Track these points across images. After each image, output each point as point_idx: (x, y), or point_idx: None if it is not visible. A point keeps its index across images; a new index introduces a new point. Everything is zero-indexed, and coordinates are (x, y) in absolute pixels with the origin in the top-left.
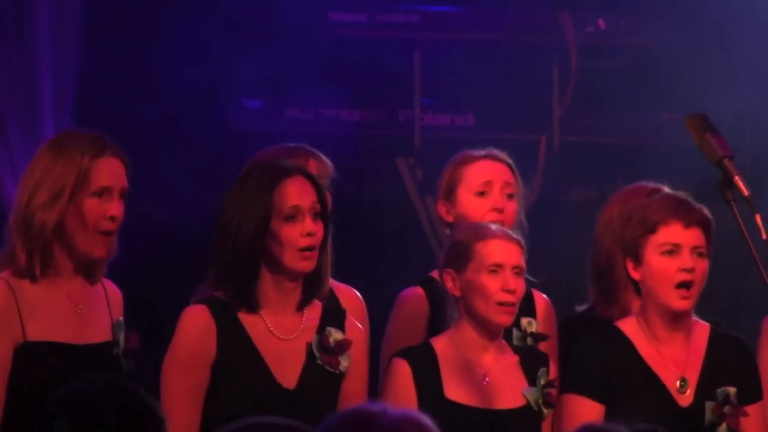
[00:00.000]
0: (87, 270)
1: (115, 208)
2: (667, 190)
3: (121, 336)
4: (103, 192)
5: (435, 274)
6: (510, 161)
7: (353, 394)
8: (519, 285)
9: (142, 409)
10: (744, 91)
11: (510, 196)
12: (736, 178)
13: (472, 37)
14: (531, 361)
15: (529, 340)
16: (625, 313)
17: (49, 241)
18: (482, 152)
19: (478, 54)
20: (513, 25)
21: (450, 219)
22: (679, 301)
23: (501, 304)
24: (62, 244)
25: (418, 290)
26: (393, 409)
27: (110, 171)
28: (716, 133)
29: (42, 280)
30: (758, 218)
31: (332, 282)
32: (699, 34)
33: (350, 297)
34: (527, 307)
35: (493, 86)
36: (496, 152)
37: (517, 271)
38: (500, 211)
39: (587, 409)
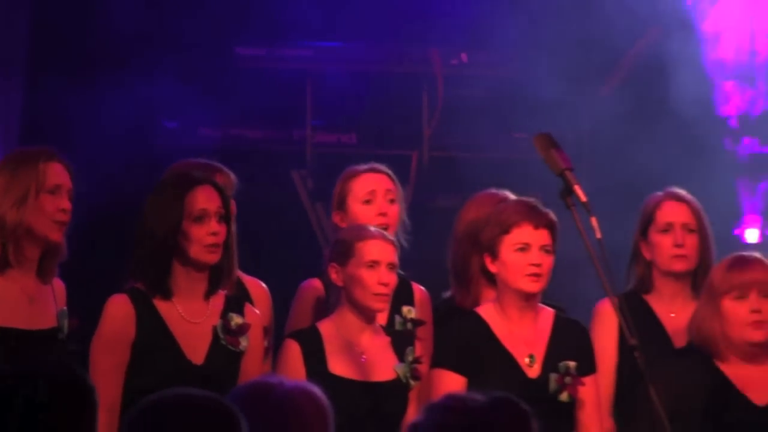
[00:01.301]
0: (43, 268)
1: (66, 202)
2: (512, 196)
3: (65, 322)
4: (56, 189)
5: None
6: (389, 171)
7: (251, 369)
8: (392, 278)
9: (79, 383)
10: (582, 113)
11: (392, 201)
12: (576, 186)
13: (355, 68)
14: (400, 342)
15: (408, 325)
16: (477, 301)
17: (21, 235)
18: (365, 166)
19: (359, 82)
20: (389, 57)
21: (344, 226)
22: (529, 285)
23: (377, 294)
24: (28, 237)
25: (316, 281)
26: (288, 381)
27: (59, 172)
28: (559, 149)
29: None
30: (594, 221)
31: (241, 274)
32: (543, 65)
33: (256, 287)
34: (407, 296)
35: (373, 110)
36: (377, 165)
37: (390, 266)
38: (384, 215)
39: (451, 381)
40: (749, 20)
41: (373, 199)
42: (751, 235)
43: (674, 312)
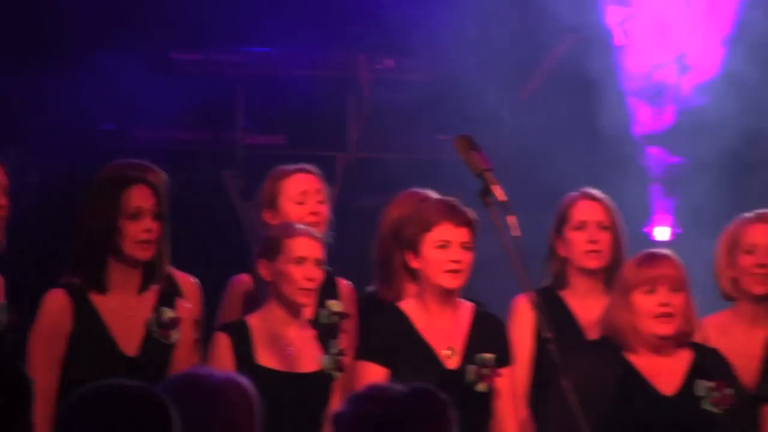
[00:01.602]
0: None
1: (2, 198)
2: (434, 196)
3: (4, 316)
4: None
5: None
6: (318, 172)
7: (182, 361)
8: (318, 274)
9: (17, 375)
10: (504, 117)
11: (322, 201)
12: (494, 187)
13: (285, 73)
14: (325, 334)
15: (333, 318)
16: (400, 296)
17: None
18: (295, 167)
19: (288, 86)
20: (317, 63)
21: (275, 224)
22: (449, 281)
23: (303, 289)
24: None
25: (245, 276)
26: (218, 372)
27: None
28: (479, 150)
29: None
30: (512, 219)
31: (172, 269)
32: (464, 71)
33: (187, 282)
34: (332, 291)
35: (301, 112)
36: (307, 166)
37: (317, 263)
38: (316, 214)
39: (374, 372)
40: (658, 36)
41: (305, 199)
42: (662, 233)
43: (587, 306)
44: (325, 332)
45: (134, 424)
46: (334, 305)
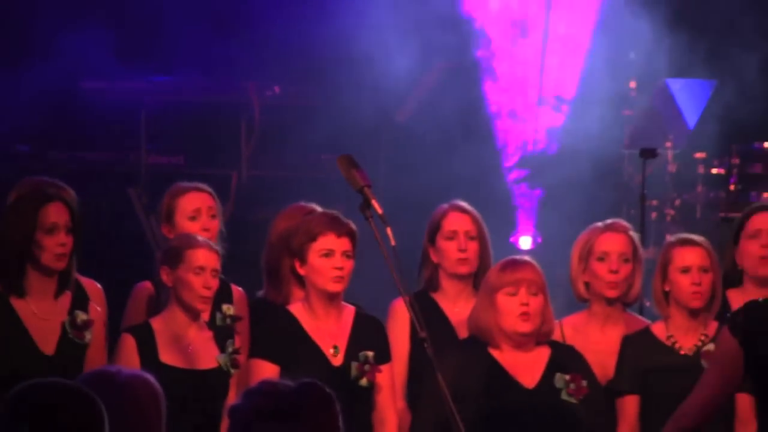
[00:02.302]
0: None
1: None
2: (318, 209)
3: None
4: None
5: None
6: (210, 190)
7: (95, 359)
8: (215, 283)
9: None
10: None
11: (213, 216)
12: (373, 201)
13: (184, 99)
14: (221, 335)
15: (228, 321)
16: (288, 299)
17: None
18: (189, 185)
19: (187, 111)
20: (212, 90)
21: (172, 236)
22: (333, 286)
23: (201, 296)
24: None
25: (148, 283)
26: (125, 369)
27: None
28: (359, 168)
29: None
30: (389, 230)
31: (78, 276)
32: (345, 97)
33: (92, 287)
34: (226, 296)
35: (199, 135)
36: (200, 185)
37: (214, 272)
38: (208, 230)
39: (266, 369)
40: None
41: (197, 216)
42: (525, 243)
43: (458, 308)
44: (221, 333)
45: (69, 418)
46: (229, 309)
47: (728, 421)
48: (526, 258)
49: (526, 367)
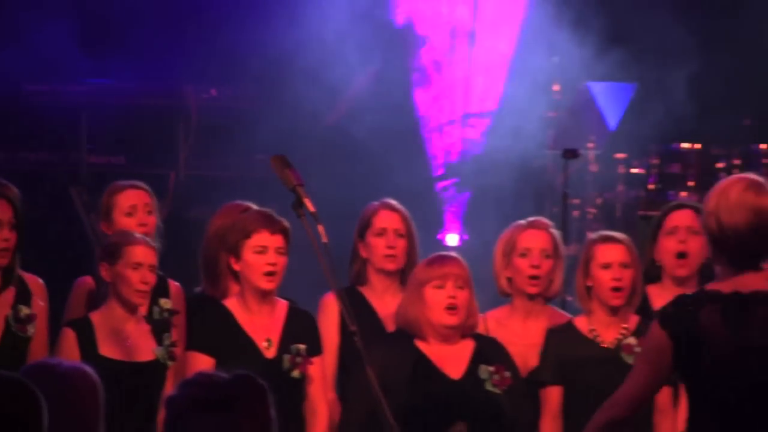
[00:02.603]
0: None
1: None
2: (253, 207)
3: None
4: None
5: None
6: (147, 187)
7: (37, 352)
8: (152, 278)
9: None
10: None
11: (150, 213)
12: (305, 199)
13: (124, 101)
14: (159, 328)
15: (165, 314)
16: (224, 294)
17: None
18: (127, 183)
19: (127, 113)
20: (151, 93)
21: (110, 233)
22: (266, 282)
23: (138, 291)
24: None
25: (88, 278)
26: (66, 362)
27: None
28: (292, 168)
29: None
30: (321, 228)
31: (21, 272)
32: (279, 98)
33: (34, 282)
34: (164, 290)
35: (138, 136)
36: (137, 182)
37: (151, 268)
38: (144, 225)
39: (201, 361)
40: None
41: (134, 212)
42: (452, 240)
43: (386, 302)
44: (159, 326)
45: (8, 408)
46: (166, 303)
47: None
48: (453, 254)
49: (452, 359)
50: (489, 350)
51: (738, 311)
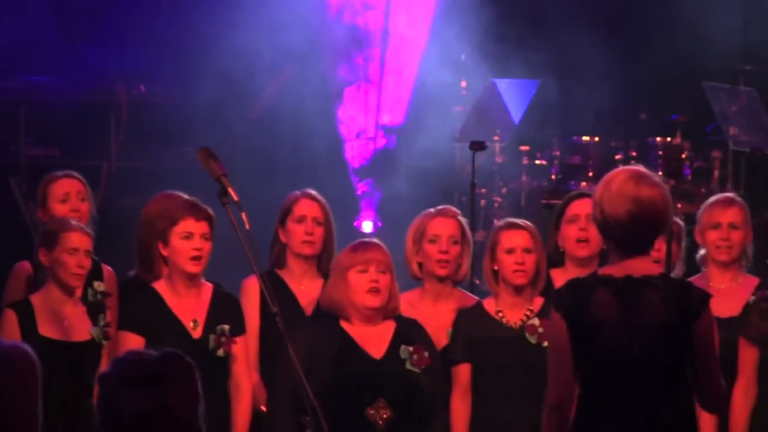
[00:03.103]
0: None
1: None
2: (181, 196)
3: None
4: None
5: None
6: (80, 176)
7: None
8: (88, 262)
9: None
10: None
11: (82, 200)
12: (229, 189)
13: (59, 98)
14: (94, 310)
15: (99, 297)
16: (157, 277)
17: None
18: (61, 173)
19: (62, 108)
20: (85, 90)
21: (46, 220)
22: (191, 266)
23: (75, 274)
24: None
25: (27, 263)
26: (5, 341)
27: None
28: (217, 159)
29: None
30: (244, 215)
31: None
32: (206, 96)
33: None
34: (98, 274)
35: (73, 129)
36: (70, 172)
37: (87, 253)
38: (77, 210)
39: (132, 340)
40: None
41: (67, 199)
42: (367, 227)
43: (304, 286)
44: (94, 308)
45: None
46: (99, 286)
47: None
48: (375, 240)
49: (374, 340)
50: (409, 331)
51: (629, 294)
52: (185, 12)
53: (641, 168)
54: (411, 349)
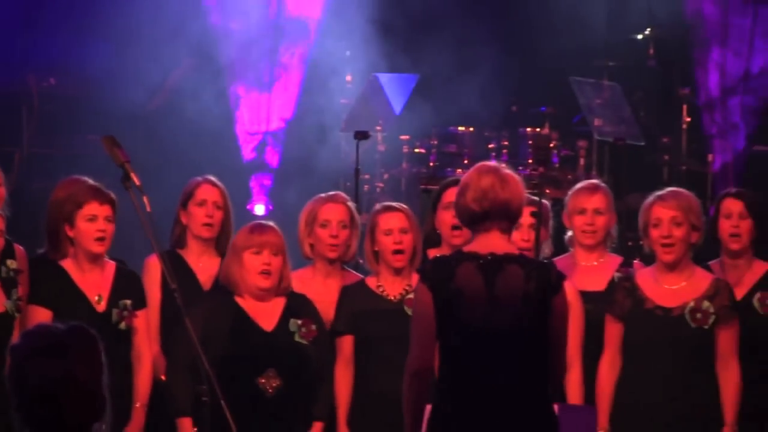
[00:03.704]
0: None
1: None
2: (88, 181)
3: None
4: None
5: None
6: None
7: None
8: (1, 242)
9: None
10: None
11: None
12: (132, 174)
13: None
14: (7, 285)
15: (11, 273)
16: (65, 255)
17: None
18: None
19: None
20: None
21: None
22: (96, 247)
23: None
24: None
25: None
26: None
27: None
28: (120, 147)
29: None
30: (146, 199)
31: None
32: (111, 88)
33: None
34: (10, 253)
35: None
36: None
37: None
38: None
39: (41, 314)
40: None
41: None
42: (259, 209)
43: (203, 264)
44: (7, 284)
45: None
46: (12, 264)
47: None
48: (271, 223)
49: (266, 313)
50: (298, 306)
51: (493, 268)
52: (96, 11)
53: (493, 163)
54: (300, 322)
